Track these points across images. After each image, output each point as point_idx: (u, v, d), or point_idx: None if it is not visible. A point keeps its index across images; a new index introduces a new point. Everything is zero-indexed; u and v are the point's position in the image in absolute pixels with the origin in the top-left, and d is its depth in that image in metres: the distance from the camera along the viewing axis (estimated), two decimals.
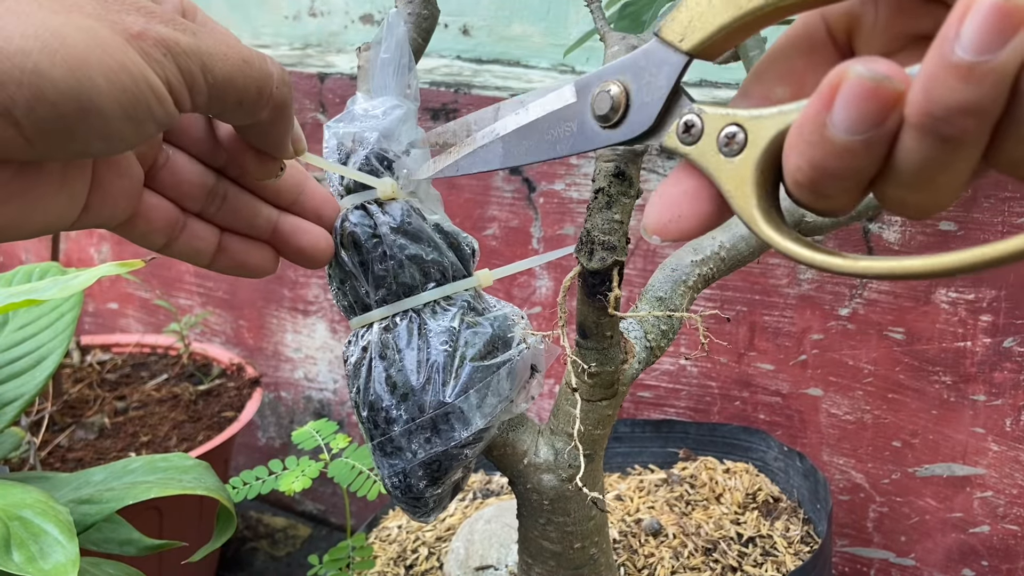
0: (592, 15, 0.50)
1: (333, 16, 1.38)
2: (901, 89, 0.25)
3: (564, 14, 1.18)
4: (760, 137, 0.30)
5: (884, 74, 0.25)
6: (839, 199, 0.28)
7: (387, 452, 0.50)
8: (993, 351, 0.85)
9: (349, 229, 0.49)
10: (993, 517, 0.89)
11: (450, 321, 0.50)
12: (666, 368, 1.03)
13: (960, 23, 0.23)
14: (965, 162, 0.25)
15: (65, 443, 1.12)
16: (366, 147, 0.49)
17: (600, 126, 0.36)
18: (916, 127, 0.25)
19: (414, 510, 0.52)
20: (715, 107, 0.32)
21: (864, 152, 0.26)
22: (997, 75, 0.23)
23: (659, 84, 0.34)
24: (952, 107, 0.24)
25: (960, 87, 0.24)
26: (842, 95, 0.26)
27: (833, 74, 0.26)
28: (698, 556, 0.79)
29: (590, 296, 0.46)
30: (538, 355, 0.52)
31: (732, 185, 0.31)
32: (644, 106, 0.34)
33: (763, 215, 0.31)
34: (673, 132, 0.33)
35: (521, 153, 0.38)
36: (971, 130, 0.24)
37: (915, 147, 0.26)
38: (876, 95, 0.25)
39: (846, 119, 0.26)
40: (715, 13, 0.32)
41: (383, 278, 0.50)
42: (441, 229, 0.51)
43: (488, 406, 0.49)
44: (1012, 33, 0.23)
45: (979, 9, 0.23)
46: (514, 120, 0.39)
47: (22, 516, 0.57)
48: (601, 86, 0.35)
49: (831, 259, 0.29)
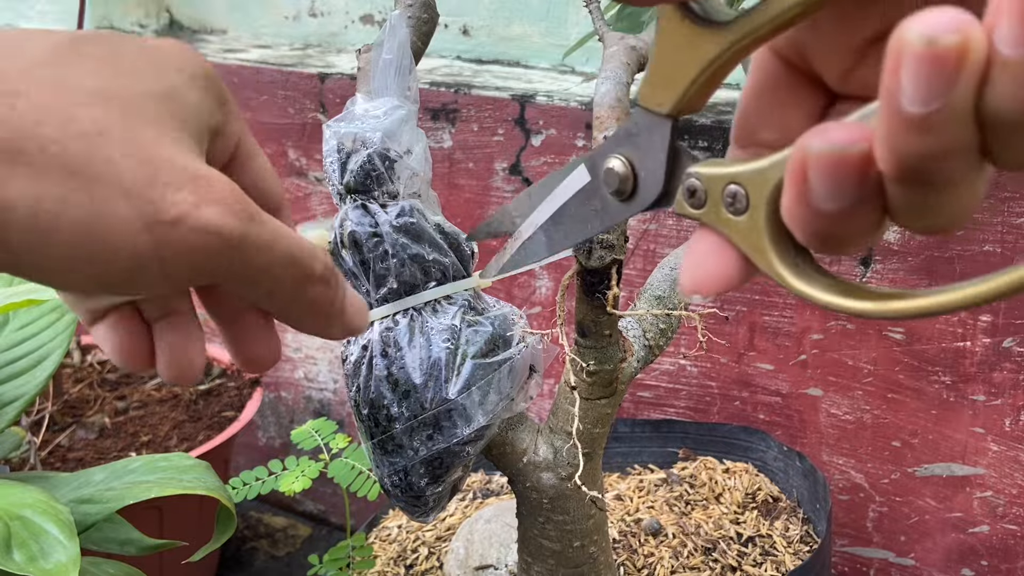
0: (591, 16, 0.50)
1: (333, 16, 1.38)
2: (865, 148, 0.24)
3: (564, 14, 1.18)
4: (761, 195, 0.30)
5: (841, 143, 0.24)
6: (853, 245, 0.28)
7: (388, 450, 0.50)
8: (993, 351, 0.85)
9: (349, 228, 0.49)
10: (993, 517, 0.89)
11: (451, 319, 0.50)
12: (666, 368, 1.03)
13: (898, 75, 0.22)
14: (967, 185, 0.24)
15: (65, 443, 1.12)
16: (369, 147, 0.49)
17: (618, 200, 0.36)
18: (897, 180, 0.24)
19: (413, 509, 0.52)
20: (712, 167, 0.31)
21: (858, 211, 0.25)
22: (956, 115, 0.22)
23: (656, 152, 0.33)
24: (925, 155, 0.23)
25: (922, 137, 0.23)
26: (812, 172, 0.25)
27: (796, 151, 0.25)
28: (698, 556, 0.79)
29: (589, 295, 0.46)
30: (536, 355, 0.53)
31: (748, 245, 0.30)
32: (649, 175, 0.34)
33: (788, 269, 0.30)
34: (681, 197, 0.33)
35: (561, 239, 0.38)
36: (956, 167, 0.24)
37: (907, 193, 0.25)
38: (844, 164, 0.24)
39: (824, 193, 0.25)
40: (679, 72, 0.31)
41: (384, 276, 0.50)
42: (442, 230, 0.51)
43: (490, 403, 0.49)
44: (953, 76, 0.22)
45: (910, 60, 0.22)
46: (548, 208, 0.39)
47: (23, 516, 0.57)
48: (606, 163, 0.35)
49: (863, 304, 0.28)
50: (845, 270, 0.90)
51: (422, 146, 0.51)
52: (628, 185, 0.35)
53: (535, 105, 1.03)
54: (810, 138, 0.25)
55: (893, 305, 0.28)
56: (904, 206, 0.25)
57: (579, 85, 1.10)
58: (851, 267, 0.89)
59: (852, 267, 0.89)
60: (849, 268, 0.89)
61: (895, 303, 0.28)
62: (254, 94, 1.25)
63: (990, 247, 0.82)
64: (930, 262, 0.86)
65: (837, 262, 0.90)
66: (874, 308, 0.28)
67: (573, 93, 1.05)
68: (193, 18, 1.54)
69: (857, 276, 0.89)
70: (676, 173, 0.33)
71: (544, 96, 1.04)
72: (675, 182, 0.33)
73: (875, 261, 0.88)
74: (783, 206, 0.27)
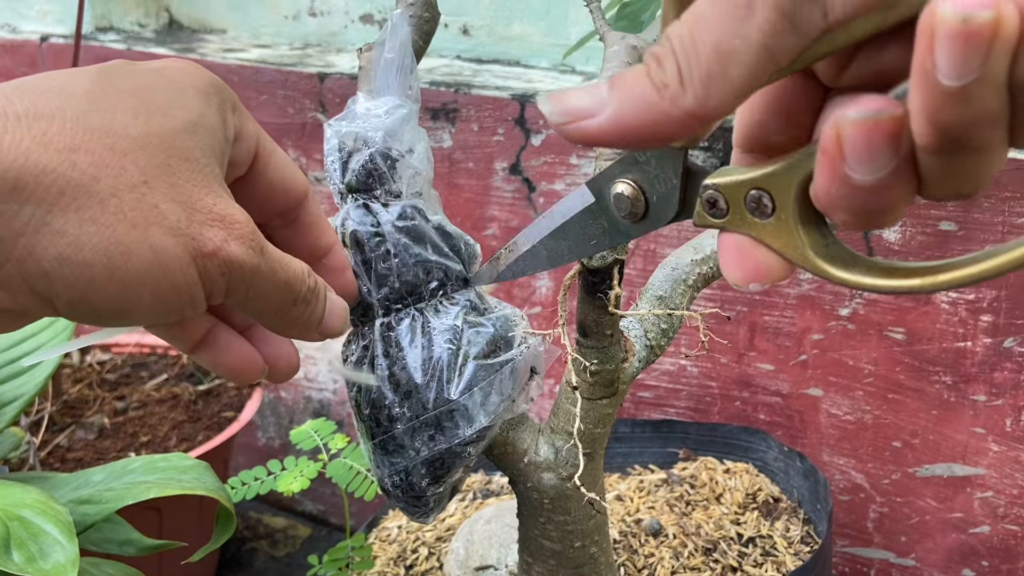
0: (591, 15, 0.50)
1: (333, 16, 1.38)
2: (898, 114, 0.25)
3: (564, 14, 1.18)
4: (788, 194, 0.30)
5: (875, 109, 0.25)
6: (889, 217, 0.29)
7: (389, 450, 0.50)
8: (993, 351, 0.85)
9: (351, 228, 0.49)
10: (993, 517, 0.89)
11: (453, 319, 0.50)
12: (666, 368, 1.03)
13: (932, 53, 0.23)
14: (997, 151, 0.26)
15: (65, 443, 1.12)
16: (371, 146, 0.49)
17: (629, 221, 0.36)
18: (936, 150, 0.25)
19: (414, 510, 0.52)
20: (729, 175, 0.31)
21: (892, 181, 0.26)
22: (992, 85, 0.24)
23: (668, 176, 0.34)
24: (964, 124, 0.24)
25: (961, 108, 0.24)
26: (848, 146, 0.26)
27: (829, 129, 0.26)
28: (698, 556, 0.79)
29: (590, 294, 0.46)
30: (538, 357, 0.52)
31: (780, 243, 0.31)
32: (663, 197, 0.34)
33: (824, 259, 0.30)
34: (701, 210, 0.33)
35: (564, 252, 0.39)
36: (990, 134, 0.25)
37: (942, 162, 0.26)
38: (879, 130, 0.25)
39: (862, 165, 0.26)
40: None
41: (386, 276, 0.50)
42: (443, 230, 0.51)
43: (491, 404, 0.49)
44: (986, 50, 0.23)
45: (945, 38, 0.23)
46: (547, 224, 0.39)
47: (22, 516, 0.56)
48: (613, 188, 0.35)
49: (910, 281, 0.28)
50: None
51: (424, 145, 0.51)
52: (640, 207, 0.35)
53: (535, 105, 1.03)
54: (844, 110, 0.26)
55: (942, 278, 0.28)
56: (938, 174, 0.26)
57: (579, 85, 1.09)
58: None
59: None
60: None
61: (943, 275, 0.28)
62: (254, 94, 1.25)
63: (991, 247, 0.82)
64: None
65: None
66: (923, 283, 0.28)
67: None
68: (192, 18, 1.54)
69: None
70: (691, 189, 0.33)
71: None
72: (690, 197, 0.33)
73: None
74: (817, 191, 0.28)
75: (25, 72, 1.48)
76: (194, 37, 1.49)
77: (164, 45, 1.40)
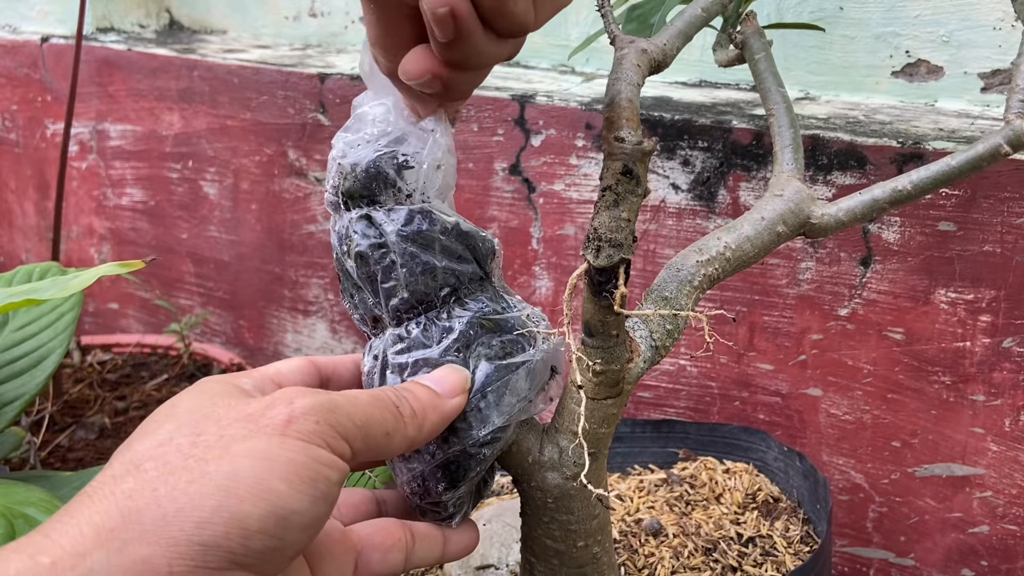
0: (604, 19, 0.50)
1: (333, 16, 1.38)
2: None
3: (564, 14, 1.18)
4: None
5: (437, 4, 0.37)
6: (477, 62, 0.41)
7: (404, 455, 0.50)
8: (992, 351, 0.85)
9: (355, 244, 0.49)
10: (992, 517, 0.89)
11: (466, 322, 0.49)
12: (666, 368, 1.03)
13: None
14: None
15: (65, 443, 1.12)
16: (378, 149, 0.49)
17: None
18: None
19: (435, 515, 0.52)
20: None
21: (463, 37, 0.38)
22: None
23: None
24: None
25: None
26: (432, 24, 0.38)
27: None
28: (698, 556, 0.79)
29: (596, 294, 0.47)
30: (558, 356, 0.52)
31: None
32: None
33: None
34: None
35: None
36: None
37: None
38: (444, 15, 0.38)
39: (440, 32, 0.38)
40: None
41: (394, 288, 0.49)
42: (459, 231, 0.50)
43: (506, 404, 0.49)
44: None
45: None
46: None
47: (26, 514, 0.57)
48: None
49: None
50: (845, 270, 0.90)
51: (436, 145, 0.50)
52: None
53: (535, 105, 1.04)
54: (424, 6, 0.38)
55: None
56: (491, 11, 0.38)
57: (579, 85, 1.10)
58: (851, 267, 0.90)
59: (852, 267, 0.90)
60: (849, 268, 0.90)
61: None
62: (254, 94, 1.25)
63: (990, 247, 0.83)
64: (929, 262, 0.86)
65: (837, 263, 0.90)
66: None
67: (573, 93, 1.05)
68: (193, 18, 1.54)
69: (857, 276, 0.90)
70: None
71: (544, 96, 1.05)
72: None
73: (875, 261, 0.89)
74: None
75: (25, 72, 1.48)
76: (195, 38, 1.49)
77: (164, 46, 1.40)
